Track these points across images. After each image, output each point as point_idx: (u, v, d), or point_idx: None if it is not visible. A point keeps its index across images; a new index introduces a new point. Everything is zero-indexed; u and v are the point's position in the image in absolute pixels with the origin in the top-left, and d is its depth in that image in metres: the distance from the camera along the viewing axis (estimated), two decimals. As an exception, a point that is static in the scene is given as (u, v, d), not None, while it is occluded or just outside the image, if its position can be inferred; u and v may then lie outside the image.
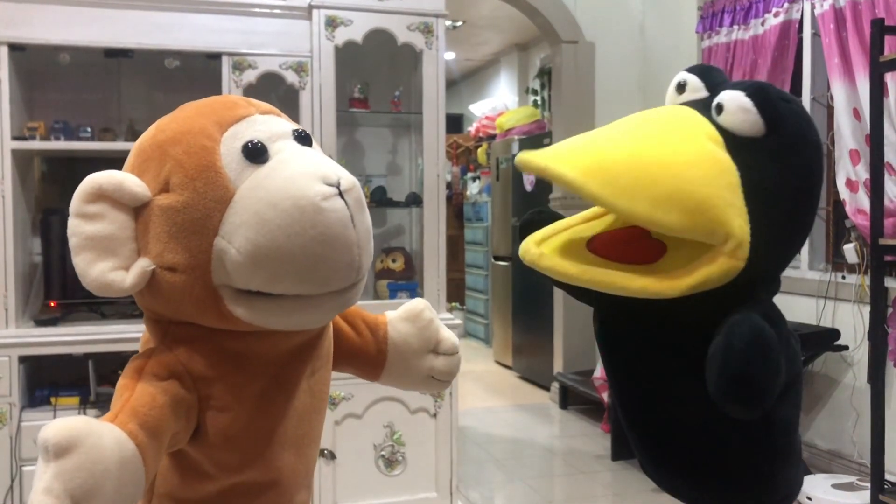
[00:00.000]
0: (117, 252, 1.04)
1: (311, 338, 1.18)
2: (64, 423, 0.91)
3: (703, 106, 1.19)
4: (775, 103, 1.14)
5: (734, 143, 1.12)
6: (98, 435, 0.92)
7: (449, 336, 1.38)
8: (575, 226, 1.24)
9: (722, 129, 1.13)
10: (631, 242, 1.15)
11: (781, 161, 1.13)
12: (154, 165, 1.06)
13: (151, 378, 1.04)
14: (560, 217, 1.32)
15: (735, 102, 1.13)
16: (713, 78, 1.25)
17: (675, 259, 1.11)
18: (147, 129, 1.14)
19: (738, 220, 1.07)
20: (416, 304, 1.37)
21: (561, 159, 1.06)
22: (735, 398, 1.01)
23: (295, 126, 1.14)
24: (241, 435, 1.10)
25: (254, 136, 1.06)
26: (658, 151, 1.07)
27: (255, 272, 1.00)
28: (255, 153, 1.04)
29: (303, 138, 1.11)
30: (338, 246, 1.00)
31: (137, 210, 1.05)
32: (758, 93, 1.14)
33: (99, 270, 1.03)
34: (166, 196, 1.03)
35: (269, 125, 1.10)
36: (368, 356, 1.34)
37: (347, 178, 1.03)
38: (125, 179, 1.03)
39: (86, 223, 1.03)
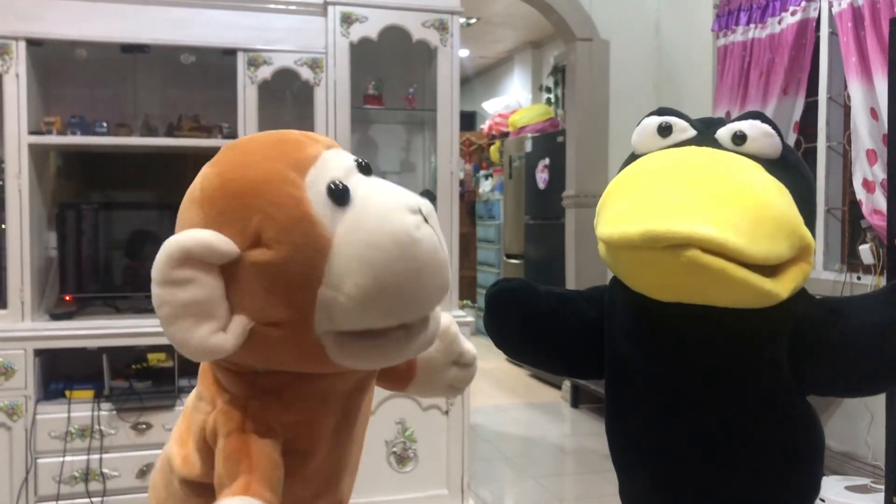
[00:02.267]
0: (214, 315, 1.00)
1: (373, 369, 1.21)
2: None
3: (706, 142, 1.20)
4: (776, 127, 1.21)
5: (765, 167, 1.15)
6: None
7: (469, 348, 1.40)
8: None
9: (750, 158, 1.16)
10: None
11: (797, 174, 1.19)
12: (236, 219, 1.00)
13: (257, 437, 1.04)
14: (531, 287, 1.35)
15: (759, 130, 1.18)
16: (685, 116, 1.27)
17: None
18: (201, 176, 1.08)
19: (808, 231, 1.13)
20: (444, 319, 1.34)
21: (688, 221, 1.02)
22: None
23: (353, 157, 1.14)
24: (316, 472, 1.13)
25: (333, 178, 1.04)
26: (742, 188, 1.08)
27: (367, 313, 1.01)
28: (341, 196, 1.02)
29: (364, 168, 1.12)
30: (432, 270, 1.03)
31: (223, 267, 1.01)
32: (766, 119, 1.20)
33: (200, 337, 0.99)
34: (260, 252, 0.99)
35: (339, 162, 1.09)
36: (399, 371, 1.35)
37: (426, 204, 1.06)
38: (213, 239, 0.98)
39: (177, 290, 0.99)
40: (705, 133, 1.22)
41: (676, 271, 1.03)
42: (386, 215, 1.01)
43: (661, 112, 1.28)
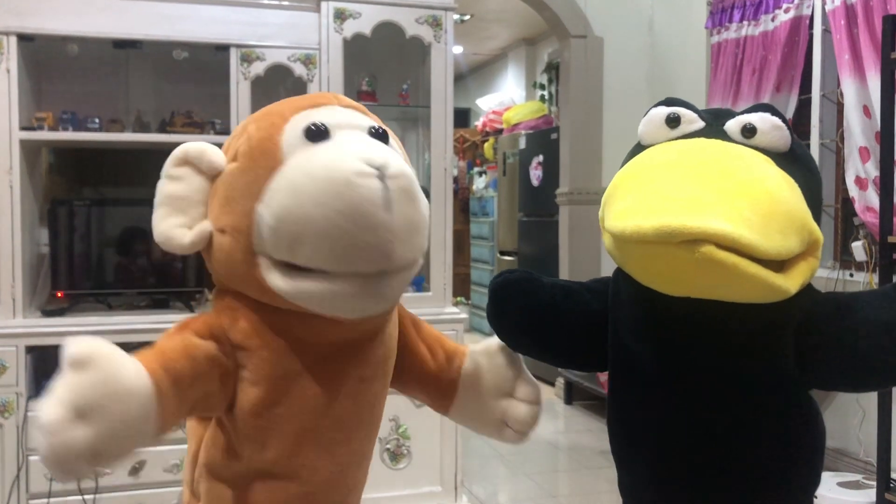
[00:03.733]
0: (187, 212, 1.12)
1: (358, 338, 1.17)
2: (87, 340, 0.95)
3: (715, 134, 1.19)
4: (785, 119, 1.20)
5: (775, 160, 1.14)
6: (119, 362, 0.96)
7: (530, 382, 1.32)
8: None
9: (759, 151, 1.15)
10: None
11: (805, 169, 1.18)
12: (235, 140, 1.16)
13: (191, 333, 1.08)
14: (535, 278, 1.32)
15: (769, 123, 1.16)
16: (692, 107, 1.26)
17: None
18: None
19: (816, 226, 1.12)
20: (497, 341, 1.34)
21: (701, 215, 1.01)
22: None
23: (375, 123, 1.17)
24: (268, 413, 1.11)
25: (320, 120, 1.11)
26: (753, 182, 1.06)
27: (282, 237, 1.03)
28: (316, 134, 1.09)
29: (378, 135, 1.14)
30: (363, 223, 1.01)
31: (214, 178, 1.13)
32: (776, 112, 1.19)
33: (167, 225, 1.11)
34: (232, 164, 1.12)
35: (344, 116, 1.15)
36: (440, 384, 1.32)
37: (397, 166, 1.04)
38: (207, 149, 1.13)
39: (168, 183, 1.13)
40: (714, 125, 1.21)
41: (689, 266, 1.02)
42: (337, 155, 1.04)
43: (668, 103, 1.27)
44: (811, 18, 3.61)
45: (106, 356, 0.95)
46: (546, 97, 6.67)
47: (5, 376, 2.64)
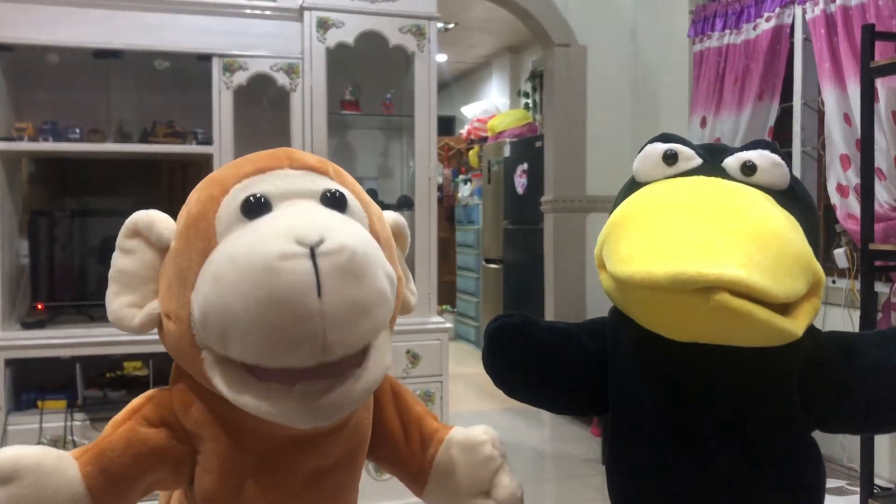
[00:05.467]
0: (137, 290, 1.04)
1: (314, 433, 1.06)
2: (12, 452, 0.91)
3: (712, 172, 1.16)
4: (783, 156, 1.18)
5: (774, 198, 1.13)
6: (47, 472, 0.91)
7: (509, 483, 1.19)
8: None
9: (758, 188, 1.14)
10: None
11: (805, 206, 1.18)
12: (184, 210, 1.07)
13: (141, 422, 1.02)
14: (531, 320, 1.27)
15: (769, 160, 1.15)
16: (689, 143, 1.23)
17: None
18: None
19: (819, 266, 1.10)
20: (480, 434, 1.21)
21: (713, 262, 0.98)
22: None
23: (333, 187, 1.05)
24: (223, 502, 1.05)
25: (261, 191, 1.00)
26: (759, 222, 1.04)
27: (208, 330, 0.94)
28: (253, 208, 0.98)
29: (332, 200, 1.03)
30: (288, 314, 0.88)
31: (166, 252, 1.05)
32: (776, 149, 1.17)
33: (118, 304, 1.04)
34: (174, 241, 1.04)
35: (292, 181, 1.03)
36: (410, 471, 1.21)
37: (335, 241, 0.90)
38: (157, 220, 1.04)
39: (120, 256, 1.05)
40: (711, 162, 1.18)
41: (701, 314, 0.99)
42: (263, 236, 0.92)
43: (664, 139, 1.22)
44: (792, 27, 3.64)
45: (32, 468, 0.90)
46: (530, 105, 6.69)
47: (-16, 390, 2.60)
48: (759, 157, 1.15)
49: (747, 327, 1.00)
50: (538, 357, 1.25)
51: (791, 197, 1.15)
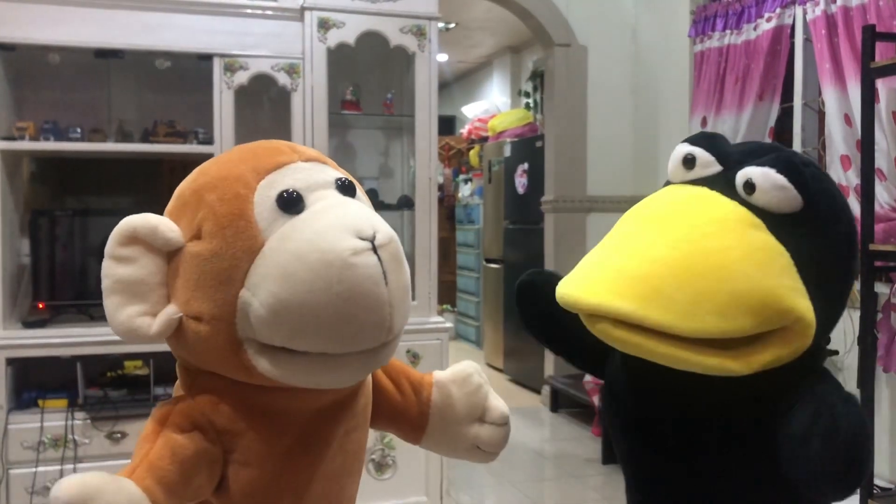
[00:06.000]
0: (146, 297, 1.02)
1: (344, 396, 1.13)
2: (77, 481, 0.90)
3: (723, 184, 1.10)
4: (806, 175, 1.07)
5: (774, 222, 1.05)
6: (113, 492, 0.91)
7: (498, 405, 1.30)
8: None
9: (756, 209, 1.06)
10: None
11: (826, 232, 1.08)
12: (190, 211, 1.04)
13: (174, 429, 1.02)
14: (560, 277, 1.25)
15: (769, 181, 1.05)
16: (720, 148, 1.16)
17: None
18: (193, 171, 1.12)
19: (803, 302, 1.01)
20: (465, 367, 1.30)
21: (609, 291, 0.98)
22: (846, 482, 0.95)
23: (340, 175, 1.10)
24: (263, 492, 1.07)
25: (290, 186, 1.03)
26: (705, 254, 0.99)
27: (279, 327, 0.97)
28: (290, 203, 1.01)
29: (346, 188, 1.08)
30: (366, 304, 0.96)
31: (170, 255, 1.03)
32: (789, 167, 1.06)
33: (126, 315, 1.01)
34: (197, 243, 1.02)
35: (310, 174, 1.06)
36: (409, 418, 1.28)
37: (384, 233, 0.99)
38: (160, 224, 1.02)
39: (118, 266, 1.02)
40: (730, 171, 1.12)
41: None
42: (324, 231, 0.96)
43: (693, 140, 1.18)
44: (793, 28, 3.64)
45: (99, 493, 0.90)
46: (531, 105, 6.69)
47: (-15, 389, 2.61)
48: (762, 176, 1.06)
49: (653, 358, 1.00)
50: (557, 316, 1.21)
51: (800, 222, 1.06)
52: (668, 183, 1.23)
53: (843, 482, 0.95)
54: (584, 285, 1.02)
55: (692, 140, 1.18)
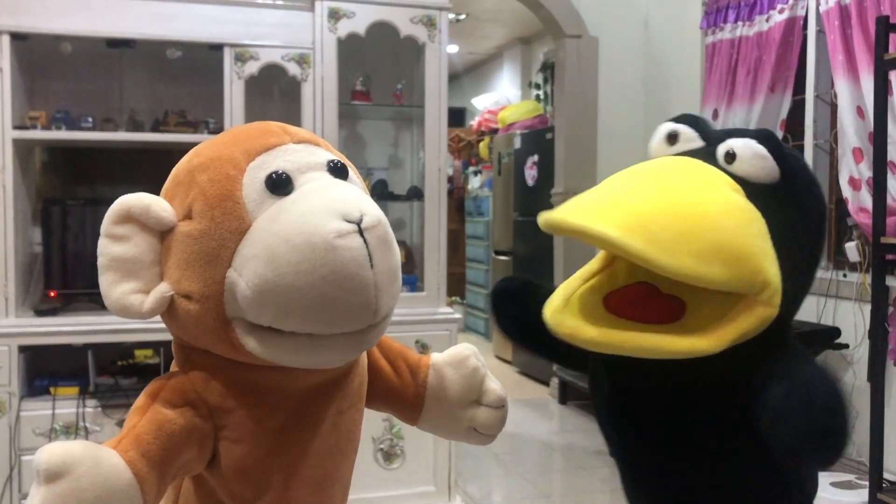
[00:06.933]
0: (140, 275, 1.03)
1: (336, 375, 1.14)
2: (59, 448, 0.91)
3: (704, 155, 1.15)
4: (785, 149, 1.14)
5: (752, 190, 1.09)
6: (93, 462, 0.92)
7: (495, 388, 1.31)
8: (583, 284, 1.16)
9: (736, 178, 1.10)
10: (645, 301, 1.10)
11: (800, 206, 1.13)
12: (182, 191, 1.06)
13: (164, 404, 1.03)
14: (533, 283, 1.29)
15: (750, 150, 1.11)
16: (703, 126, 1.22)
17: (700, 314, 1.06)
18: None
19: (773, 268, 1.05)
20: (462, 349, 1.32)
21: (596, 217, 1.00)
22: (826, 452, 0.97)
23: (332, 157, 1.11)
24: (255, 469, 1.08)
25: (280, 167, 1.04)
26: (691, 203, 1.03)
27: (264, 307, 0.98)
28: (279, 184, 1.02)
29: (337, 170, 1.08)
30: (351, 286, 0.97)
31: (164, 234, 1.04)
32: (769, 140, 1.13)
33: (120, 292, 1.03)
34: (188, 223, 1.03)
35: (301, 155, 1.07)
36: (406, 399, 1.29)
37: (372, 215, 1.00)
38: (153, 203, 1.03)
39: (113, 244, 1.03)
40: (709, 147, 1.17)
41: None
42: (310, 213, 0.98)
43: (677, 119, 1.23)
44: (805, 19, 3.62)
45: (79, 461, 0.91)
46: (541, 97, 6.67)
47: (-2, 376, 2.63)
48: (743, 146, 1.12)
49: (623, 351, 1.03)
50: (534, 322, 1.24)
51: (777, 193, 1.11)
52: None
53: (823, 453, 0.97)
54: (570, 209, 1.03)
55: (675, 119, 1.23)
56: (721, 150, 1.14)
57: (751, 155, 1.11)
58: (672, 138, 1.20)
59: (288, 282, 0.95)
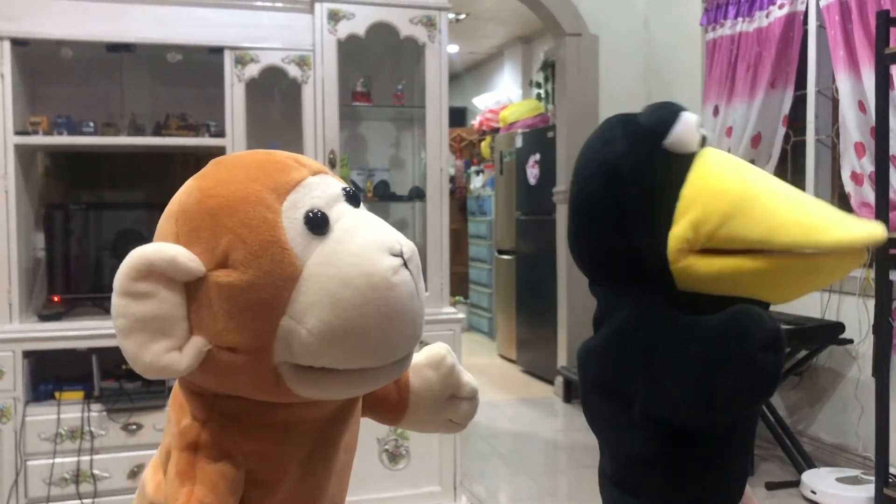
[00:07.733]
0: (170, 332, 0.96)
1: (351, 399, 1.15)
2: None
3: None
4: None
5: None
6: None
7: (469, 381, 1.35)
8: None
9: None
10: None
11: None
12: (207, 236, 0.97)
13: (207, 461, 1.00)
14: None
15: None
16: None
17: None
18: (183, 189, 1.05)
19: None
20: (439, 349, 1.33)
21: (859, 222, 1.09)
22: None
23: (343, 185, 1.09)
24: (287, 499, 1.09)
25: (313, 205, 1.01)
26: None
27: (327, 352, 0.97)
28: (318, 224, 0.99)
29: (352, 197, 1.07)
30: (406, 319, 0.99)
31: (188, 284, 0.97)
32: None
33: (153, 354, 0.95)
34: (226, 273, 0.96)
35: (322, 189, 1.04)
36: (390, 404, 1.31)
37: (408, 245, 1.01)
38: (178, 254, 0.95)
39: (135, 303, 0.95)
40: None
41: (839, 273, 1.12)
42: (363, 253, 0.97)
43: (682, 108, 1.26)
44: (805, 14, 3.61)
45: None
46: (542, 95, 6.67)
47: (2, 381, 2.63)
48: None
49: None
50: None
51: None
52: (666, 152, 1.23)
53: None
54: (858, 222, 1.09)
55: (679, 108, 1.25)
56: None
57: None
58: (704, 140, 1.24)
59: (354, 325, 0.95)
